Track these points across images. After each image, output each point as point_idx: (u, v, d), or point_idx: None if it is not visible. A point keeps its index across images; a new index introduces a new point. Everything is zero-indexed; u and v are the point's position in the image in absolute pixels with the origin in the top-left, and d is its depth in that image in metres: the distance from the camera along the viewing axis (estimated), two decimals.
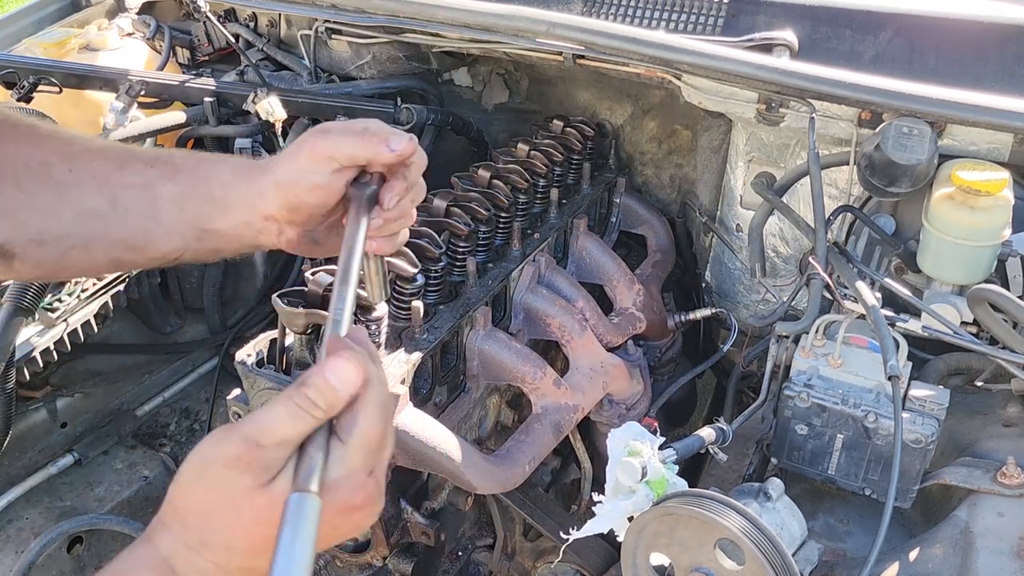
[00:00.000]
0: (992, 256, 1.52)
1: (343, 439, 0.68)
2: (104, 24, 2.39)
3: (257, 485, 0.66)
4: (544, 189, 1.82)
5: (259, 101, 2.01)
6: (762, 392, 1.63)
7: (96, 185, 0.94)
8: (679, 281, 2.24)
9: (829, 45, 1.74)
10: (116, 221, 0.95)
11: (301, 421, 0.67)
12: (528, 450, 1.52)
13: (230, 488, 0.66)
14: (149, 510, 2.00)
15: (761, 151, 1.84)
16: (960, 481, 1.43)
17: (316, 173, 0.92)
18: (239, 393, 1.42)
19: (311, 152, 0.92)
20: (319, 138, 0.92)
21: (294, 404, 0.67)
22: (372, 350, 0.74)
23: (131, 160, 0.96)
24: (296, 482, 0.66)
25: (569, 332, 1.66)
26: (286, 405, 0.67)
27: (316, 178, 0.92)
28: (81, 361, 2.05)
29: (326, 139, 0.92)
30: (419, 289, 1.45)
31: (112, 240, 0.96)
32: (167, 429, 2.18)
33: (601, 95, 2.17)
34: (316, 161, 0.92)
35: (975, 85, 1.55)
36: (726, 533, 1.19)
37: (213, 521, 0.67)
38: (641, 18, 1.87)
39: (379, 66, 2.18)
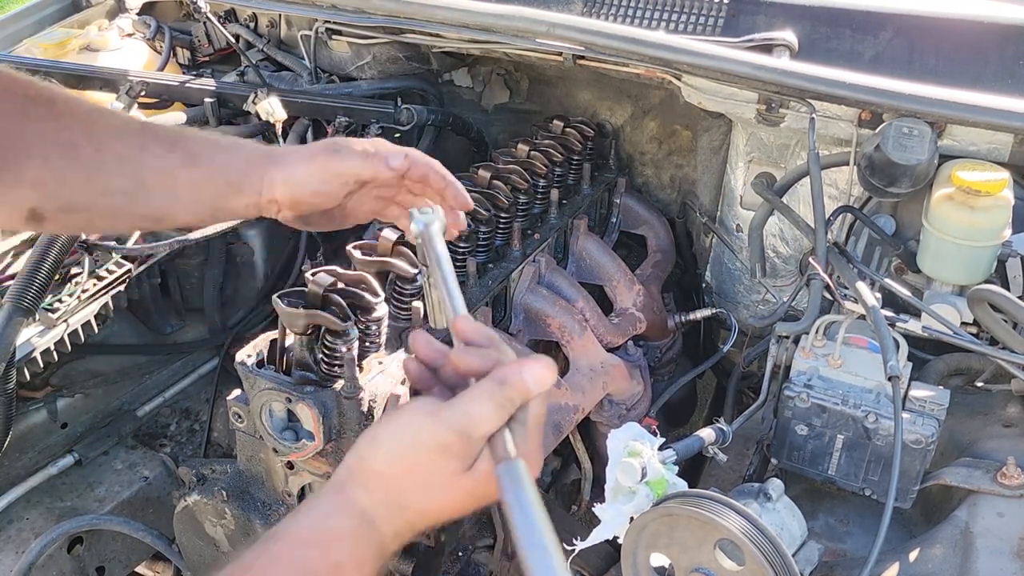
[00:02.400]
0: (992, 256, 1.52)
1: (521, 421, 0.78)
2: (104, 25, 2.39)
3: (463, 469, 0.75)
4: (544, 189, 1.82)
5: (259, 101, 2.01)
6: (762, 392, 1.63)
7: (120, 166, 1.03)
8: (679, 281, 2.24)
9: (829, 45, 1.74)
10: (139, 198, 1.05)
11: (502, 416, 0.76)
12: None
13: (441, 471, 0.75)
14: (149, 510, 2.00)
15: (761, 151, 1.84)
16: (960, 481, 1.43)
17: (323, 183, 1.08)
18: (239, 394, 1.42)
19: (322, 168, 1.07)
20: (331, 157, 1.08)
21: (498, 402, 0.76)
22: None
23: (151, 143, 1.04)
24: (497, 455, 0.75)
25: (569, 332, 1.66)
26: (492, 401, 0.76)
27: (321, 187, 1.08)
28: (81, 361, 2.05)
29: (337, 159, 1.07)
30: (419, 289, 1.45)
31: (135, 213, 1.08)
32: (167, 430, 2.18)
33: (601, 95, 2.17)
34: (325, 175, 1.07)
35: (975, 85, 1.55)
36: (726, 533, 1.19)
37: (419, 494, 0.76)
38: (641, 18, 1.87)
39: (379, 66, 2.18)
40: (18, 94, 1.00)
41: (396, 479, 0.77)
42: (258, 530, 1.52)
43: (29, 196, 1.00)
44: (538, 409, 0.80)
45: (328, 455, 1.38)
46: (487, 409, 0.76)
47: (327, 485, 0.79)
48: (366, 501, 0.76)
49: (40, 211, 1.01)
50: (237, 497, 1.54)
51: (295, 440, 1.35)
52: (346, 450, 1.34)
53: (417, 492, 0.77)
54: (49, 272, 1.63)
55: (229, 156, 1.08)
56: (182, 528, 1.64)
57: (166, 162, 1.04)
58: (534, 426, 0.80)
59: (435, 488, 0.76)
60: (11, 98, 0.99)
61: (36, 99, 1.01)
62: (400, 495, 0.77)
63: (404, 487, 0.77)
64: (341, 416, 1.33)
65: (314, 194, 1.08)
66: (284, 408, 1.34)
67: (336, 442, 1.35)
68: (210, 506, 1.56)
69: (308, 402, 1.30)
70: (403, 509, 0.77)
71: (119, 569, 1.97)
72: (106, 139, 1.03)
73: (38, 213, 1.01)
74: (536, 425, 0.80)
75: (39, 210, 1.01)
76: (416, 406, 0.78)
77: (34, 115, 1.00)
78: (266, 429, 1.38)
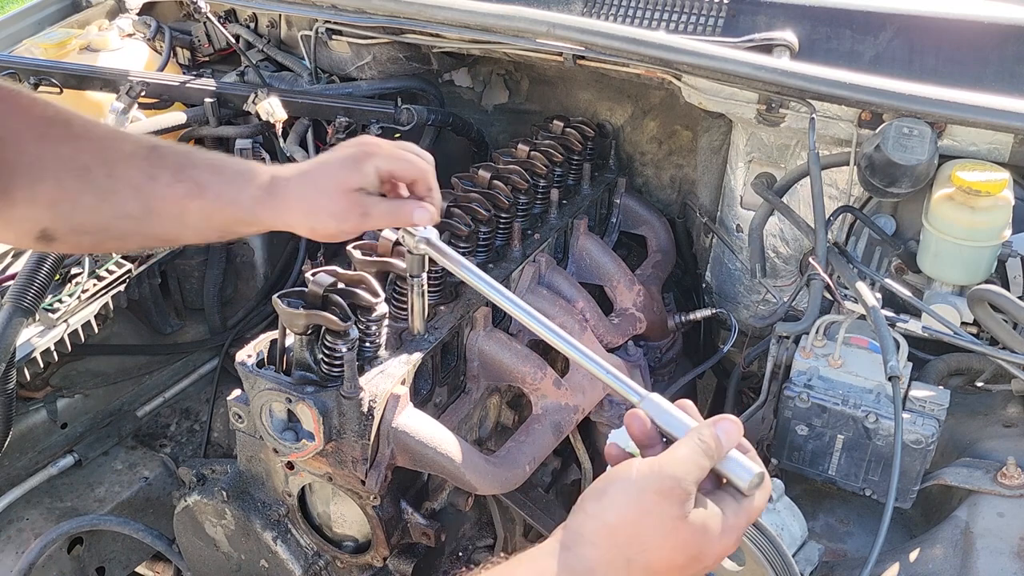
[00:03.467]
0: (992, 256, 1.52)
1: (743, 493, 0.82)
2: (104, 25, 2.39)
3: (683, 515, 0.77)
4: (544, 190, 1.82)
5: (259, 102, 2.01)
6: (762, 393, 1.63)
7: (131, 193, 1.05)
8: (679, 281, 2.24)
9: (829, 45, 1.75)
10: (149, 223, 1.07)
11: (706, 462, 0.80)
12: (528, 451, 1.52)
13: (664, 515, 0.77)
14: (149, 511, 2.00)
15: (761, 152, 1.84)
16: (960, 481, 1.43)
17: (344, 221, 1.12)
18: (239, 394, 1.42)
19: (355, 228, 1.13)
20: (363, 220, 1.12)
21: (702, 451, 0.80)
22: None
23: (158, 170, 1.06)
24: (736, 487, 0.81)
25: (569, 332, 1.66)
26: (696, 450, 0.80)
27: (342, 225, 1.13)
28: (81, 362, 2.05)
29: (369, 221, 1.12)
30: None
31: (144, 235, 1.11)
32: (167, 430, 2.18)
33: (601, 96, 2.17)
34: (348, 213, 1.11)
35: (975, 85, 1.55)
36: None
37: (644, 542, 0.77)
38: (641, 19, 1.87)
39: (379, 67, 2.18)
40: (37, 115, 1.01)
41: (624, 528, 0.77)
42: (258, 530, 1.53)
43: (42, 217, 1.02)
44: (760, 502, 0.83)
45: (328, 455, 1.38)
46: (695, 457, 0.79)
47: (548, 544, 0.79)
48: (594, 557, 0.77)
49: (51, 232, 1.03)
50: (237, 497, 1.54)
51: (295, 440, 1.35)
52: (346, 450, 1.35)
53: (645, 540, 0.77)
54: (49, 272, 1.64)
55: (236, 189, 1.09)
56: (182, 528, 1.64)
57: (174, 191, 1.06)
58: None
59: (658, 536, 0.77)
60: (30, 119, 1.00)
61: (54, 121, 1.02)
62: (628, 547, 0.77)
63: (631, 537, 0.77)
64: (341, 416, 1.33)
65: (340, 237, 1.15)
66: (284, 408, 1.35)
67: (336, 442, 1.35)
68: (210, 506, 1.56)
69: (308, 402, 1.30)
70: (629, 564, 0.77)
71: (119, 569, 1.97)
72: (118, 164, 1.04)
73: (49, 233, 1.03)
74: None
75: (50, 231, 1.03)
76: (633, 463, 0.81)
77: (51, 137, 1.01)
78: (266, 429, 1.38)
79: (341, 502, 1.50)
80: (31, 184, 0.99)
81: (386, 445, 1.37)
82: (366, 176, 1.12)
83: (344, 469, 1.38)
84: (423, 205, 1.15)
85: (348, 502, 1.47)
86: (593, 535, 0.78)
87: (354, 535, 1.54)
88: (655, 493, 0.78)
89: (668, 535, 0.77)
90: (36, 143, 1.00)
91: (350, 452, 1.36)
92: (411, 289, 1.37)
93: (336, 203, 1.11)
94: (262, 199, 1.10)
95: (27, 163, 0.99)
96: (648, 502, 0.78)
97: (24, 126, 0.99)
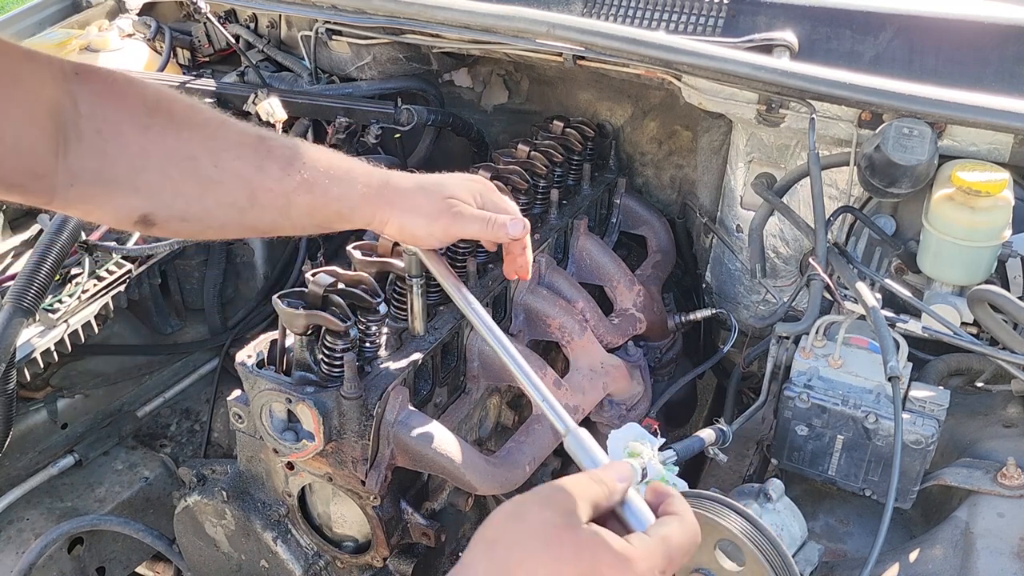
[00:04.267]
0: (992, 257, 1.52)
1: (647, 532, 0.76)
2: (105, 25, 2.39)
3: (567, 524, 0.72)
4: (544, 190, 1.82)
5: (260, 102, 2.01)
6: (762, 393, 1.63)
7: (238, 183, 1.04)
8: (679, 282, 2.24)
9: (829, 46, 1.75)
10: (252, 214, 1.06)
11: (595, 489, 0.77)
12: (528, 451, 1.52)
13: (545, 522, 0.72)
14: (150, 511, 2.00)
15: (761, 152, 1.84)
16: (960, 482, 1.43)
17: (439, 241, 1.17)
18: (240, 394, 1.42)
19: (444, 230, 1.15)
20: (454, 220, 1.14)
21: (591, 477, 0.79)
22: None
23: (267, 162, 1.05)
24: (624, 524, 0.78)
25: (569, 333, 1.66)
26: (592, 475, 0.79)
27: (437, 242, 1.17)
28: (82, 362, 2.05)
29: (459, 223, 1.15)
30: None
31: (246, 225, 1.10)
32: (167, 430, 2.18)
33: (601, 96, 2.17)
34: (445, 236, 1.16)
35: (975, 85, 1.55)
36: (726, 534, 1.19)
37: (524, 549, 0.71)
38: (641, 19, 1.87)
39: (379, 67, 2.18)
40: (136, 102, 0.99)
41: (502, 541, 0.73)
42: (258, 530, 1.53)
43: (143, 204, 1.00)
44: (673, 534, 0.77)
45: (328, 455, 1.38)
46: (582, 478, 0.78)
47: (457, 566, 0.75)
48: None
49: (152, 217, 1.01)
50: (237, 497, 1.54)
51: (295, 440, 1.35)
52: (346, 450, 1.35)
53: (521, 548, 0.72)
54: (49, 272, 1.64)
55: (344, 187, 1.11)
56: (182, 528, 1.64)
57: (282, 185, 1.06)
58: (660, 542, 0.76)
59: (538, 544, 0.71)
60: (132, 108, 0.98)
61: (156, 109, 0.99)
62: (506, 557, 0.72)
63: (510, 545, 0.72)
64: (341, 416, 1.33)
65: (426, 240, 1.17)
66: (284, 409, 1.35)
67: (336, 442, 1.35)
68: (210, 506, 1.56)
69: (308, 403, 1.30)
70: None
71: (119, 569, 1.97)
72: (224, 154, 1.03)
73: (150, 219, 1.02)
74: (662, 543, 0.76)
75: (151, 216, 1.01)
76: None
77: (153, 127, 0.99)
78: (266, 429, 1.38)
79: (341, 502, 1.50)
80: (134, 174, 0.98)
81: (386, 445, 1.37)
82: (468, 195, 1.17)
83: (344, 469, 1.38)
84: (518, 217, 1.19)
85: (348, 502, 1.47)
86: (471, 556, 0.74)
87: (354, 535, 1.54)
88: (536, 503, 0.74)
89: (550, 543, 0.71)
90: (139, 134, 0.97)
91: (350, 452, 1.36)
92: (411, 290, 1.37)
93: (433, 204, 1.14)
94: (371, 196, 1.12)
95: (130, 154, 0.97)
96: (528, 512, 0.74)
97: (124, 116, 0.97)
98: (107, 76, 0.99)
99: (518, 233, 1.18)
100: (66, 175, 0.93)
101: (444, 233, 1.16)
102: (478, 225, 1.16)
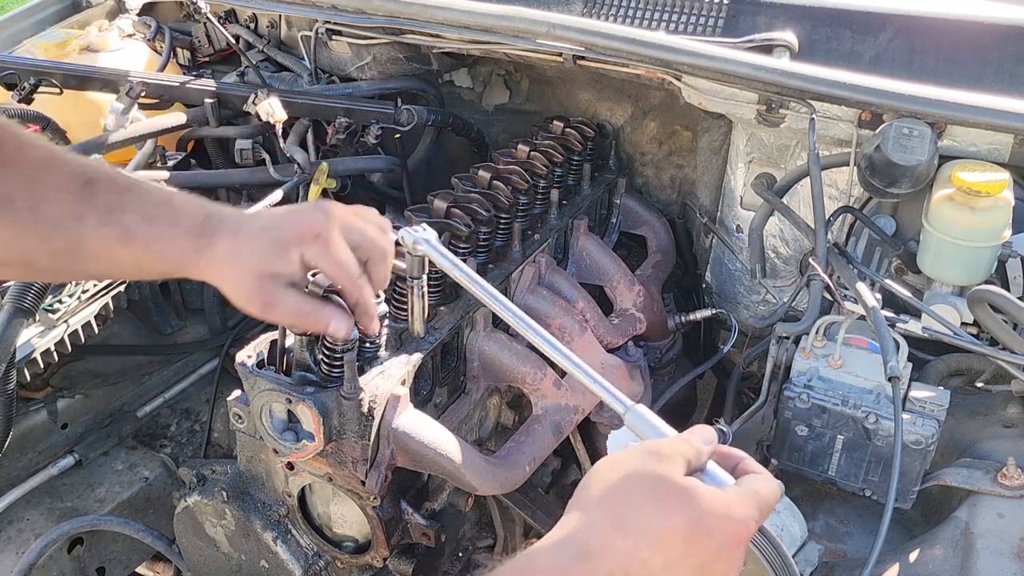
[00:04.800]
0: (992, 257, 1.52)
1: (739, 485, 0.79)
2: (104, 25, 2.39)
3: (666, 474, 0.74)
4: (544, 190, 1.82)
5: (259, 102, 2.01)
6: (762, 393, 1.63)
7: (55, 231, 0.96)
8: (679, 282, 2.24)
9: (829, 46, 1.75)
10: (78, 263, 0.99)
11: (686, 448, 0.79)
12: (528, 451, 1.52)
13: (646, 473, 0.74)
14: (150, 511, 2.00)
15: (761, 152, 1.84)
16: (960, 482, 1.43)
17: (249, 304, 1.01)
18: (240, 394, 1.42)
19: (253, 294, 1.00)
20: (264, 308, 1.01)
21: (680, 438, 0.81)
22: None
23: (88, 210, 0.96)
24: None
25: (569, 333, 1.66)
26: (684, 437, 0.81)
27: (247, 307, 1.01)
28: (82, 362, 2.05)
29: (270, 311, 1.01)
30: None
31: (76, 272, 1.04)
32: (168, 430, 2.18)
33: (601, 96, 2.17)
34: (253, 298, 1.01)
35: (975, 86, 1.55)
36: None
37: (628, 504, 0.73)
38: (641, 19, 1.87)
39: (379, 67, 2.18)
40: None
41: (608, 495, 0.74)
42: (258, 530, 1.53)
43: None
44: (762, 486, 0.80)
45: (328, 456, 1.38)
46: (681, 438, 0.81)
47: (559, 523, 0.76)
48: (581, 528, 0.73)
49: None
50: (237, 498, 1.54)
51: (295, 441, 1.35)
52: (346, 450, 1.35)
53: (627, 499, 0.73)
54: None
55: (166, 241, 0.99)
56: (182, 529, 1.64)
57: (100, 234, 0.97)
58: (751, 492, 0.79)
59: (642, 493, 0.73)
60: None
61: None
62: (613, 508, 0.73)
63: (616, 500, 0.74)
64: (341, 417, 1.33)
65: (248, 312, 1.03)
66: (284, 409, 1.35)
67: (336, 443, 1.35)
68: (210, 507, 1.56)
69: (308, 403, 1.30)
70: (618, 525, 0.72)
71: (119, 570, 1.97)
72: (43, 199, 0.95)
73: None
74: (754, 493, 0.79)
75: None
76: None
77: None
78: (266, 430, 1.38)
79: (341, 502, 1.50)
80: None
81: (386, 446, 1.37)
82: (288, 263, 1.00)
83: (344, 469, 1.38)
84: (341, 314, 1.05)
85: (348, 502, 1.47)
86: (577, 515, 0.74)
87: (354, 535, 1.54)
88: (636, 460, 0.76)
89: (657, 496, 0.73)
90: None
91: (350, 452, 1.36)
92: (411, 291, 1.36)
93: (247, 283, 1.00)
94: (189, 255, 1.00)
95: None
96: (631, 468, 0.76)
97: None
98: None
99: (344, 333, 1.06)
100: None
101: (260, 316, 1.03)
102: (289, 319, 1.07)
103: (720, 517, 0.73)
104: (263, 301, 1.00)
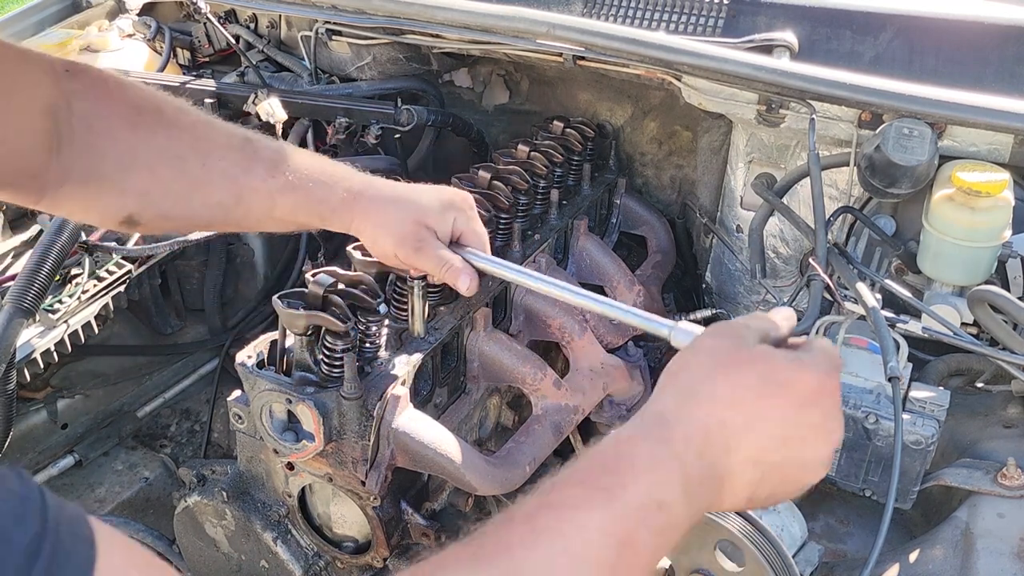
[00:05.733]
0: (992, 257, 1.52)
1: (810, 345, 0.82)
2: (104, 25, 2.39)
3: (738, 345, 0.78)
4: (544, 190, 1.82)
5: (260, 102, 2.01)
6: None
7: (224, 183, 1.07)
8: (679, 282, 2.24)
9: (829, 46, 1.74)
10: (237, 212, 1.10)
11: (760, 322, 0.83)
12: (528, 451, 1.52)
13: (718, 349, 0.79)
14: (150, 511, 2.01)
15: (761, 152, 1.84)
16: (960, 482, 1.43)
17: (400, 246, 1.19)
18: (240, 394, 1.42)
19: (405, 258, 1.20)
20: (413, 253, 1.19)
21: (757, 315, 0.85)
22: None
23: (254, 164, 1.09)
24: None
25: (569, 333, 1.66)
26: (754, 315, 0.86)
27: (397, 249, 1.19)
28: (82, 362, 2.06)
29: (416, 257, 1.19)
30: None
31: (230, 223, 1.17)
32: (167, 430, 2.18)
33: (601, 96, 2.17)
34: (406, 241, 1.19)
35: (975, 86, 1.55)
36: (726, 534, 1.19)
37: (699, 373, 0.77)
38: (641, 19, 1.87)
39: (379, 67, 2.18)
40: (129, 102, 1.00)
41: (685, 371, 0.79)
42: (258, 531, 1.53)
43: (130, 204, 1.02)
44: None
45: (328, 456, 1.38)
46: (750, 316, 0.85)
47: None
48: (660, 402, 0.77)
49: (137, 217, 1.04)
50: (237, 498, 1.54)
51: (295, 441, 1.35)
52: (346, 451, 1.35)
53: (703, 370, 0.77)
54: (50, 273, 1.64)
55: (326, 190, 1.15)
56: (182, 529, 1.64)
57: (268, 185, 1.09)
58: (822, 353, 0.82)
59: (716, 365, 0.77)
60: (122, 106, 1.00)
61: (144, 108, 1.01)
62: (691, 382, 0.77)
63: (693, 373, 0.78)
64: (341, 417, 1.33)
65: (390, 260, 1.23)
66: (284, 409, 1.35)
67: (336, 443, 1.35)
68: (210, 507, 1.56)
69: (308, 403, 1.30)
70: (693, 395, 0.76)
71: None
72: (212, 155, 1.05)
73: (134, 219, 1.04)
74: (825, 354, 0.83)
75: (136, 216, 1.03)
76: None
77: (143, 126, 1.01)
78: (266, 430, 1.38)
79: (341, 503, 1.50)
80: (123, 172, 0.99)
81: (386, 446, 1.37)
82: (443, 221, 1.19)
83: (344, 470, 1.38)
84: (473, 275, 1.22)
85: (348, 503, 1.47)
86: (659, 391, 0.78)
87: (354, 536, 1.54)
88: (708, 337, 0.81)
89: (725, 362, 0.77)
90: (129, 132, 0.99)
91: (350, 453, 1.36)
92: (411, 291, 1.37)
93: (404, 227, 1.17)
94: (349, 201, 1.15)
95: (119, 152, 0.98)
96: (703, 344, 0.81)
97: (115, 114, 0.99)
98: (97, 75, 1.00)
99: (465, 290, 1.22)
100: (58, 174, 0.95)
101: (404, 261, 1.21)
102: (433, 265, 1.21)
103: (792, 371, 0.76)
104: (415, 246, 1.17)
